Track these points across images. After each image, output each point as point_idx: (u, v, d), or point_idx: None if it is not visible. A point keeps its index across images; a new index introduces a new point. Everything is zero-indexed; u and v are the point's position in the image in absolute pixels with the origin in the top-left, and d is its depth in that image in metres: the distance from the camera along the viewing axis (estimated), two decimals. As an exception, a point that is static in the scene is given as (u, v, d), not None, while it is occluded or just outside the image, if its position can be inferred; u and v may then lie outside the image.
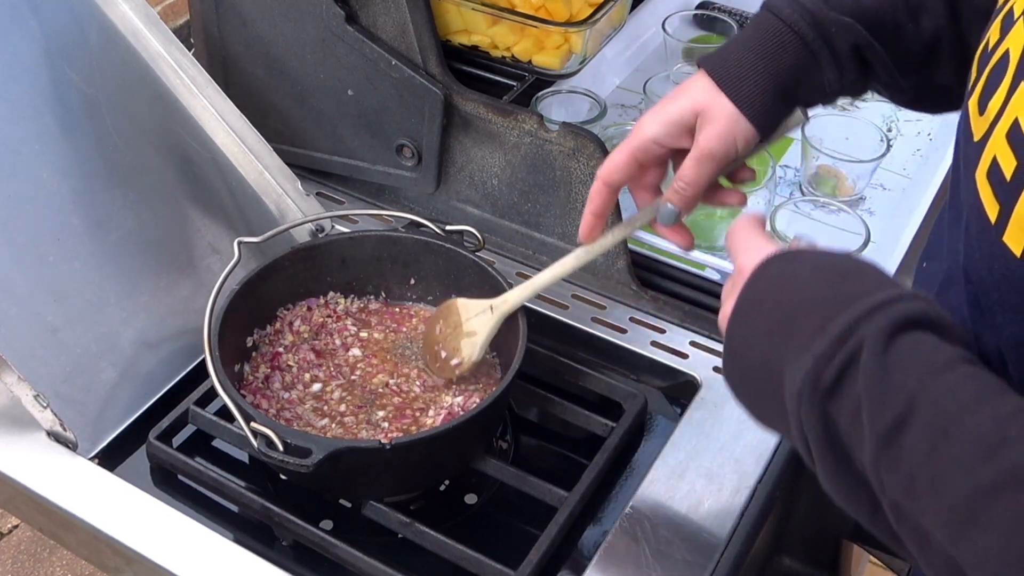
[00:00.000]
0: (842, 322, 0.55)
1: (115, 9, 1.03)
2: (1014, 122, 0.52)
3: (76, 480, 0.87)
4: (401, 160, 1.11)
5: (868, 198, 1.19)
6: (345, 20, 1.05)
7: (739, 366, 0.63)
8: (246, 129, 1.06)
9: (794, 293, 0.60)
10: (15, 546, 1.99)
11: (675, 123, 0.74)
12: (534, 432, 0.98)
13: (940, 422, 0.50)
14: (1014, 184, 0.52)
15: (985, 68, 0.58)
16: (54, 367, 0.89)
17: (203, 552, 0.82)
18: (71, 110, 0.97)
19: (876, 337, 0.53)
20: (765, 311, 0.60)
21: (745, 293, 0.62)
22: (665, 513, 0.85)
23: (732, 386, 0.64)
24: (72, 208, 0.95)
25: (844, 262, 0.61)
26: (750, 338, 0.61)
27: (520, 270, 1.08)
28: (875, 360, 0.53)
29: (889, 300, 0.55)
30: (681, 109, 0.74)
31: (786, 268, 0.62)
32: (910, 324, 0.55)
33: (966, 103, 0.60)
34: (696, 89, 0.74)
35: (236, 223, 1.06)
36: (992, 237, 0.53)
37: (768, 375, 0.59)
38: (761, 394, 0.61)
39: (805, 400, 0.55)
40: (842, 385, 0.54)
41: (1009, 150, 0.52)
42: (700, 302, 1.04)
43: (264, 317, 0.96)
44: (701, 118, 0.74)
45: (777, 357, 0.58)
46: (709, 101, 0.73)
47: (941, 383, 0.52)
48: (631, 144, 0.75)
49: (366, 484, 0.86)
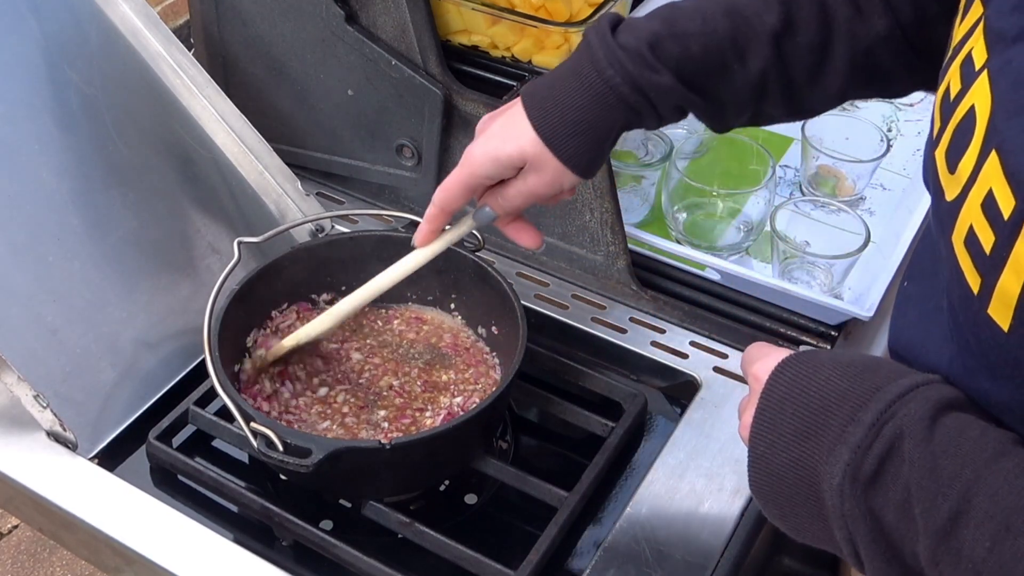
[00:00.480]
0: (875, 409, 0.54)
1: (115, 9, 1.03)
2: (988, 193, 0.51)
3: (76, 480, 0.86)
4: (401, 160, 1.11)
5: (868, 198, 1.19)
6: (345, 20, 1.05)
7: (767, 473, 0.60)
8: (246, 129, 1.06)
9: (817, 391, 0.58)
10: (15, 546, 1.99)
11: (505, 165, 0.77)
12: (534, 432, 0.98)
13: (1001, 514, 0.49)
14: (994, 259, 0.51)
15: (950, 119, 0.57)
16: (54, 367, 0.89)
17: (203, 552, 0.82)
18: (71, 110, 0.97)
19: (917, 423, 0.53)
20: (789, 412, 0.59)
21: (766, 398, 0.60)
22: (665, 513, 0.85)
23: (761, 497, 0.61)
24: (72, 208, 0.95)
25: (860, 357, 0.60)
26: (777, 442, 0.59)
27: (520, 270, 1.09)
28: (922, 448, 0.52)
29: (918, 385, 0.55)
30: (511, 155, 0.76)
31: (804, 368, 0.60)
32: (947, 406, 0.54)
33: (932, 151, 0.59)
34: (524, 139, 0.76)
35: (236, 223, 1.06)
36: (976, 307, 0.53)
37: (800, 477, 0.57)
38: (794, 500, 0.59)
39: (847, 495, 0.54)
40: (883, 475, 0.53)
41: (986, 223, 0.51)
42: (700, 302, 1.04)
43: (264, 317, 0.96)
44: (530, 165, 0.77)
45: (808, 456, 0.57)
46: (538, 154, 0.76)
47: (996, 472, 0.50)
48: (463, 176, 0.79)
49: (366, 484, 0.86)
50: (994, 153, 0.51)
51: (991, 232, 0.51)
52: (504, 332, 0.93)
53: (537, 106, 0.76)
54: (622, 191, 1.09)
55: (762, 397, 0.60)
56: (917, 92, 0.82)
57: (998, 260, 0.51)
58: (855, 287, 1.05)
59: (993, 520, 0.49)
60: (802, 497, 0.58)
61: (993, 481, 0.50)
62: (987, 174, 0.52)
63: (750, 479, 0.61)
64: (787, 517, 0.61)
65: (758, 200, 1.08)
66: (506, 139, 0.77)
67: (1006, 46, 0.54)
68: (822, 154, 1.15)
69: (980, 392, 0.56)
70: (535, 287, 1.07)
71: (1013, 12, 0.54)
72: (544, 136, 0.75)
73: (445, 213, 0.82)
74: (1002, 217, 0.50)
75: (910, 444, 0.52)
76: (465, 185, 0.79)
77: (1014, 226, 0.49)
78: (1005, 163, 0.50)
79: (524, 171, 0.78)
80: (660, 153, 1.13)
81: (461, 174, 0.79)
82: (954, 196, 0.55)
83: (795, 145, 1.24)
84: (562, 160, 0.76)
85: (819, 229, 1.08)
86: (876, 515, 0.54)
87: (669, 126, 1.18)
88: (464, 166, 0.79)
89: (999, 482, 0.50)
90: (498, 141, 0.77)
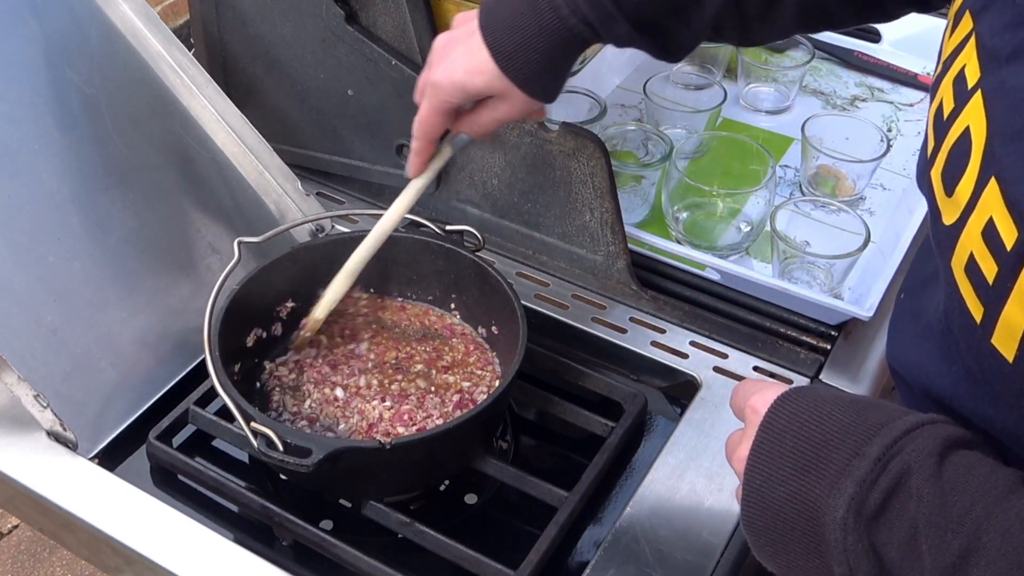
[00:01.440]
0: (881, 444, 0.53)
1: (115, 9, 1.03)
2: (989, 221, 0.51)
3: (76, 480, 0.86)
4: (401, 160, 1.11)
5: (868, 198, 1.19)
6: (345, 20, 1.05)
7: (763, 507, 0.58)
8: (246, 129, 1.06)
9: (818, 425, 0.57)
10: (15, 546, 1.99)
11: (473, 96, 0.82)
12: (534, 432, 0.98)
13: (1013, 552, 0.48)
14: (998, 290, 0.50)
15: (944, 138, 0.56)
16: (54, 367, 0.89)
17: (203, 552, 0.82)
18: (71, 110, 0.97)
19: (926, 459, 0.52)
20: (789, 446, 0.57)
21: (765, 430, 0.58)
22: (665, 513, 0.85)
23: (753, 533, 0.59)
24: (72, 208, 0.95)
25: (861, 396, 0.59)
26: (774, 475, 0.57)
27: (520, 270, 1.09)
28: (930, 484, 0.51)
29: (924, 423, 0.54)
30: (479, 89, 0.81)
31: (805, 402, 0.58)
32: (955, 444, 0.53)
33: (927, 169, 0.58)
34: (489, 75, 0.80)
35: (236, 223, 1.06)
36: (979, 335, 0.52)
37: (799, 512, 0.56)
38: (789, 536, 0.57)
39: (851, 529, 0.53)
40: (889, 511, 0.52)
41: (987, 252, 0.51)
42: (700, 302, 1.04)
43: (264, 317, 0.96)
44: (498, 97, 0.82)
45: (808, 490, 0.55)
46: (506, 88, 0.81)
47: (1008, 509, 0.50)
48: (436, 104, 0.83)
49: (366, 484, 0.86)
50: (993, 180, 0.50)
51: (993, 262, 0.50)
52: (504, 332, 0.93)
53: (500, 48, 0.79)
54: (622, 191, 1.09)
55: (760, 429, 0.59)
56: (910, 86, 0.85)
57: (1001, 291, 0.50)
58: (855, 287, 1.05)
59: (1005, 558, 0.48)
60: (799, 533, 0.56)
61: (1004, 519, 0.49)
62: (987, 202, 0.51)
63: (743, 514, 0.60)
64: (779, 555, 0.59)
65: (758, 200, 1.08)
66: (471, 72, 0.80)
67: (999, 66, 0.53)
68: (822, 154, 1.15)
69: (984, 418, 0.56)
70: (535, 287, 1.07)
71: (1007, 30, 0.53)
72: (512, 77, 0.79)
73: (430, 141, 0.87)
74: (1004, 248, 0.49)
75: (918, 480, 0.51)
76: (441, 112, 0.84)
77: (1018, 257, 0.49)
78: (1006, 192, 0.50)
79: (494, 101, 0.82)
80: (660, 153, 1.13)
81: (434, 102, 0.83)
82: (952, 220, 0.54)
83: (795, 145, 1.24)
84: (532, 95, 0.81)
85: (819, 229, 1.08)
86: (879, 552, 0.53)
87: (669, 126, 1.19)
88: (435, 95, 0.83)
89: (1011, 519, 0.49)
90: (463, 74, 0.80)
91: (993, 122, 0.52)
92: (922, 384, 0.62)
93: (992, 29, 0.54)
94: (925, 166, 0.59)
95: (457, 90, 0.81)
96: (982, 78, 0.54)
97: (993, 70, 0.53)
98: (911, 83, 1.36)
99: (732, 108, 1.31)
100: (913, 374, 0.63)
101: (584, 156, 1.00)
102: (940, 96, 0.58)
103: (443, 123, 0.85)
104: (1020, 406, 0.52)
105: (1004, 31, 0.53)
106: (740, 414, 0.64)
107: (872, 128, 1.18)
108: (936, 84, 0.59)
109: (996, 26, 0.54)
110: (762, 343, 1.00)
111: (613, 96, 1.32)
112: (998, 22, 0.54)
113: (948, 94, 0.57)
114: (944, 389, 0.59)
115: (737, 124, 1.29)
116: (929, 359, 0.61)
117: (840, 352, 0.99)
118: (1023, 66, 0.51)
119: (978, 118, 0.53)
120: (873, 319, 0.97)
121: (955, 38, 0.58)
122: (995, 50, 0.53)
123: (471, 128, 0.86)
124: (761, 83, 1.32)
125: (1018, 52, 0.52)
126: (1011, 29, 0.52)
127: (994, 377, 0.52)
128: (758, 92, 1.32)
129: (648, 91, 1.22)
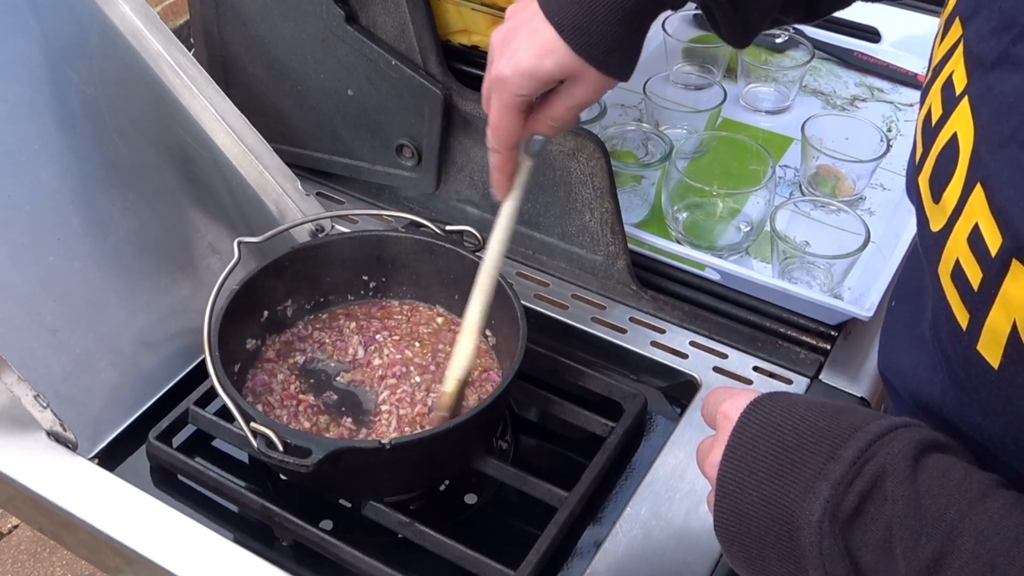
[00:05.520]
0: (855, 447, 0.53)
1: (115, 9, 1.03)
2: (975, 227, 0.50)
3: (76, 480, 0.87)
4: (401, 160, 1.11)
5: (868, 198, 1.19)
6: (345, 20, 1.05)
7: (736, 513, 0.57)
8: (246, 129, 1.06)
9: (792, 429, 0.56)
10: (15, 546, 1.99)
11: (545, 81, 0.75)
12: (534, 432, 0.98)
13: (986, 555, 0.48)
14: (983, 296, 0.50)
15: (932, 145, 0.56)
16: (54, 367, 0.89)
17: (203, 552, 0.82)
18: (71, 110, 0.97)
19: (900, 462, 0.52)
20: (762, 450, 0.57)
21: (737, 435, 0.58)
22: (665, 513, 0.85)
23: (726, 539, 0.59)
24: (72, 208, 0.95)
25: (834, 401, 0.59)
26: (748, 480, 0.57)
27: (520, 270, 1.09)
28: (905, 487, 0.51)
29: (898, 426, 0.54)
30: (551, 72, 0.74)
31: (778, 407, 0.58)
32: (930, 447, 0.53)
33: (915, 176, 0.58)
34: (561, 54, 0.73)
35: (236, 223, 1.06)
36: (965, 342, 0.52)
37: (773, 516, 0.55)
38: (763, 541, 0.57)
39: (827, 533, 0.53)
40: (864, 514, 0.52)
41: (972, 258, 0.51)
42: (700, 302, 1.04)
43: (264, 317, 0.96)
44: (571, 81, 0.75)
45: (783, 495, 0.55)
46: (579, 68, 0.74)
47: (982, 512, 0.50)
48: (506, 100, 0.76)
49: (366, 484, 0.86)
50: (979, 187, 0.50)
51: (978, 268, 0.50)
52: (504, 332, 0.94)
53: (570, 24, 0.73)
54: (622, 191, 1.09)
55: (733, 434, 0.58)
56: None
57: (986, 297, 0.50)
58: (855, 287, 1.05)
59: (979, 561, 0.48)
60: (773, 538, 0.56)
61: (979, 521, 0.49)
62: (972, 208, 0.51)
63: (716, 520, 0.59)
64: (753, 561, 0.58)
65: (758, 200, 1.08)
66: (539, 55, 0.73)
67: (985, 71, 0.52)
68: (822, 154, 1.15)
69: (973, 426, 0.56)
70: (535, 287, 1.07)
71: (992, 35, 0.53)
72: (586, 55, 0.73)
73: (510, 149, 0.79)
74: (989, 254, 0.49)
75: (893, 483, 0.51)
76: (514, 109, 0.76)
77: (1001, 263, 0.49)
78: (991, 198, 0.49)
79: (566, 86, 0.75)
80: (660, 153, 1.13)
81: (504, 99, 0.76)
82: (939, 227, 0.54)
83: (795, 145, 1.24)
84: (607, 74, 0.74)
85: (819, 229, 1.08)
86: (853, 555, 0.52)
87: (669, 126, 1.19)
88: (503, 91, 0.75)
89: (985, 522, 0.49)
90: (531, 58, 0.73)
91: (980, 128, 0.52)
92: (912, 392, 0.62)
93: (979, 34, 0.54)
94: (913, 173, 0.59)
95: (527, 78, 0.74)
96: (969, 84, 0.54)
97: (980, 76, 0.53)
98: (911, 83, 1.36)
99: (732, 108, 1.31)
100: (904, 382, 0.63)
101: (584, 156, 1.00)
102: (929, 103, 0.58)
103: (519, 123, 0.77)
104: (1006, 413, 0.52)
105: (990, 36, 0.53)
106: (711, 421, 0.63)
107: (872, 128, 1.18)
108: (925, 91, 0.59)
109: (983, 32, 0.53)
110: (762, 343, 1.00)
111: (613, 96, 1.32)
112: (985, 28, 0.53)
113: (936, 101, 0.57)
114: (933, 397, 0.59)
115: (737, 124, 1.29)
116: (919, 367, 0.61)
117: (840, 352, 0.99)
118: (1009, 72, 0.51)
119: (965, 124, 0.53)
120: (873, 319, 0.97)
121: (945, 44, 0.58)
122: (981, 56, 0.53)
123: (546, 124, 0.78)
124: (761, 83, 1.32)
125: (1003, 58, 0.51)
126: (997, 35, 0.52)
127: (980, 384, 0.52)
128: (758, 92, 1.32)
129: (648, 91, 1.22)
